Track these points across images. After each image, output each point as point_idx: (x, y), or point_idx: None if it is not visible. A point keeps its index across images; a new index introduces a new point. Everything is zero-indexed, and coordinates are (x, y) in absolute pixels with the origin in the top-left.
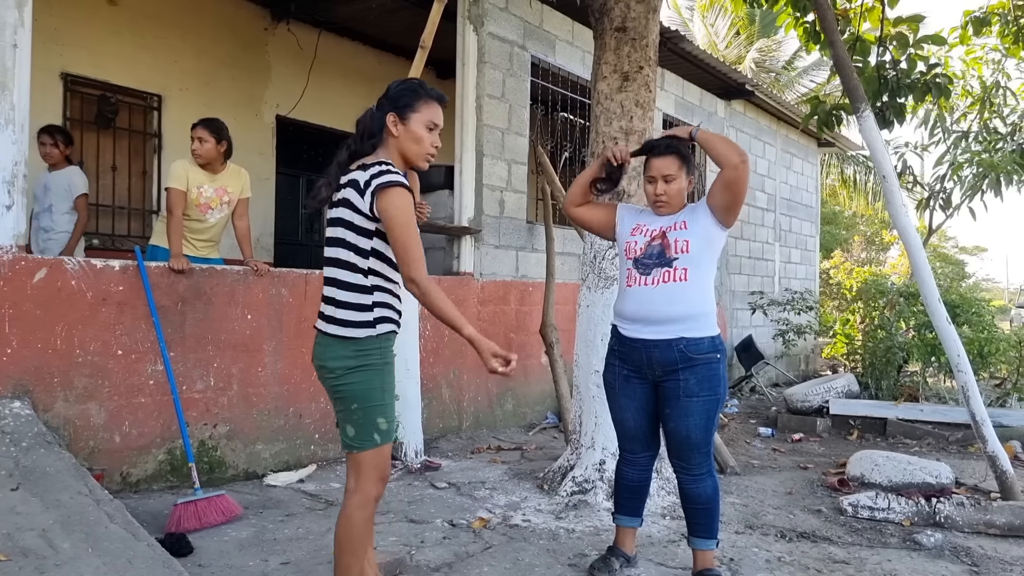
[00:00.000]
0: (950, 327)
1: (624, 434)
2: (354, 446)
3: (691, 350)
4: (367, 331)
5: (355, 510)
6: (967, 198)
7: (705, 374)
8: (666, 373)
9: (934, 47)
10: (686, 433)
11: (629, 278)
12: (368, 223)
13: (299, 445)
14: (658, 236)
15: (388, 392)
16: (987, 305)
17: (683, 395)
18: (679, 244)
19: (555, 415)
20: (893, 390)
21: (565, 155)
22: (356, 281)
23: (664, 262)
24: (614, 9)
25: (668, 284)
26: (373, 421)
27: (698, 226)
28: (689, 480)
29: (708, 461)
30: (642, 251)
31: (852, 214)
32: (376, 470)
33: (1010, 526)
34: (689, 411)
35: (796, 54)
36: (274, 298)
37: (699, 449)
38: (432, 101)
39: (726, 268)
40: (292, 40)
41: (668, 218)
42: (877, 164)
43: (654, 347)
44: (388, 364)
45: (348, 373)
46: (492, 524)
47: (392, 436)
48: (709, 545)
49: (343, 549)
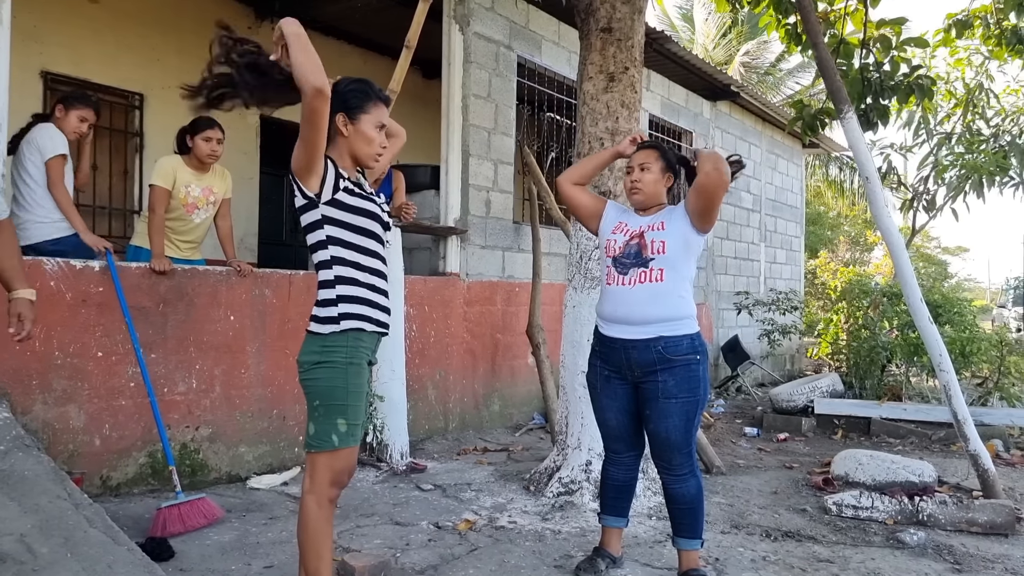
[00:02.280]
0: (932, 327)
1: (608, 434)
2: (312, 444)
3: (669, 351)
4: (331, 327)
5: (311, 511)
6: (950, 199)
7: (684, 375)
8: (645, 374)
9: (917, 50)
10: (666, 434)
11: (608, 276)
12: (313, 214)
13: (283, 447)
14: (636, 235)
15: (353, 394)
16: (969, 305)
17: (662, 396)
18: (655, 245)
19: (542, 416)
20: (877, 389)
21: (551, 155)
22: (322, 277)
23: (641, 262)
24: (600, 10)
25: (645, 284)
26: (333, 421)
27: (676, 228)
28: (672, 480)
29: (690, 461)
30: (620, 250)
31: (837, 215)
32: (331, 472)
33: (992, 524)
34: (668, 413)
35: (782, 55)
36: (257, 299)
37: (680, 450)
38: (380, 102)
39: (712, 268)
40: None
41: (648, 218)
42: (860, 166)
43: (632, 347)
44: (355, 364)
45: (312, 369)
46: (478, 526)
47: (352, 441)
48: (694, 545)
49: (306, 551)
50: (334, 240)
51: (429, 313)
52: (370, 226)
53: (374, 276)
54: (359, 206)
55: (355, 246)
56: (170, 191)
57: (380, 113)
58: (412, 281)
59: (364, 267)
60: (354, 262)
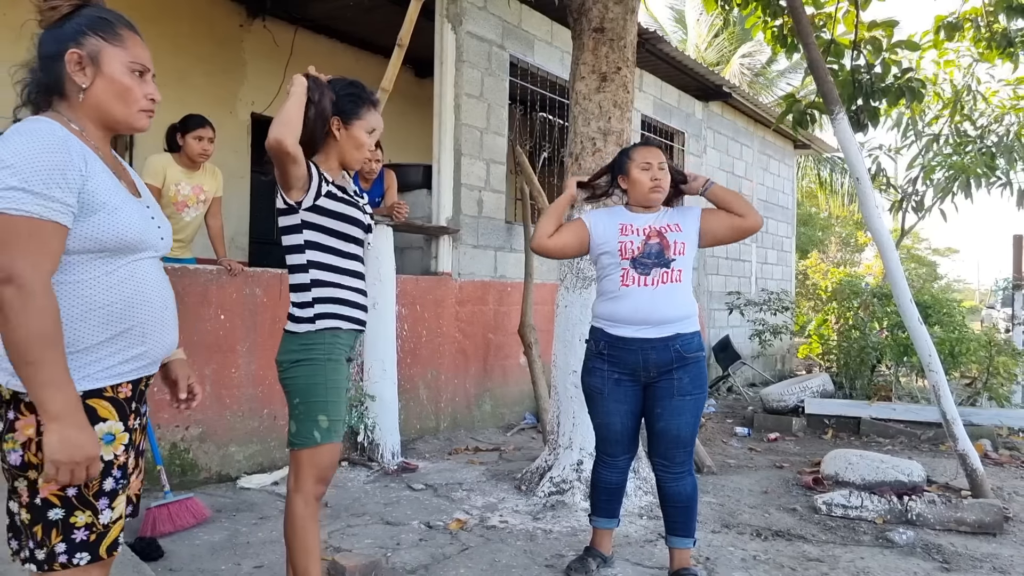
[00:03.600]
0: (922, 327)
1: (608, 438)
2: (294, 443)
3: (685, 348)
4: (306, 326)
5: (298, 509)
6: (939, 200)
7: (696, 372)
8: (661, 374)
9: (908, 52)
10: (676, 431)
11: (625, 278)
12: (293, 218)
13: (273, 447)
14: (654, 235)
15: (333, 390)
16: (958, 306)
17: (677, 394)
18: (678, 246)
19: (533, 415)
20: (867, 389)
21: (544, 155)
22: (298, 280)
23: (663, 262)
24: (592, 10)
25: (668, 285)
26: (314, 418)
27: (690, 231)
28: (670, 479)
29: (691, 459)
30: (640, 250)
31: (828, 216)
32: (315, 469)
33: (980, 523)
34: (682, 410)
35: (774, 56)
36: (248, 298)
37: (686, 447)
38: (373, 108)
39: (703, 268)
40: (268, 37)
41: (654, 216)
42: (851, 166)
43: (652, 348)
44: (333, 361)
45: (292, 367)
46: (469, 525)
47: (335, 436)
48: (687, 544)
49: (294, 550)
50: (311, 244)
51: (421, 313)
52: (349, 231)
53: (350, 277)
54: (340, 211)
55: (333, 250)
56: (160, 189)
57: (373, 118)
58: (404, 281)
59: (340, 270)
60: (331, 265)
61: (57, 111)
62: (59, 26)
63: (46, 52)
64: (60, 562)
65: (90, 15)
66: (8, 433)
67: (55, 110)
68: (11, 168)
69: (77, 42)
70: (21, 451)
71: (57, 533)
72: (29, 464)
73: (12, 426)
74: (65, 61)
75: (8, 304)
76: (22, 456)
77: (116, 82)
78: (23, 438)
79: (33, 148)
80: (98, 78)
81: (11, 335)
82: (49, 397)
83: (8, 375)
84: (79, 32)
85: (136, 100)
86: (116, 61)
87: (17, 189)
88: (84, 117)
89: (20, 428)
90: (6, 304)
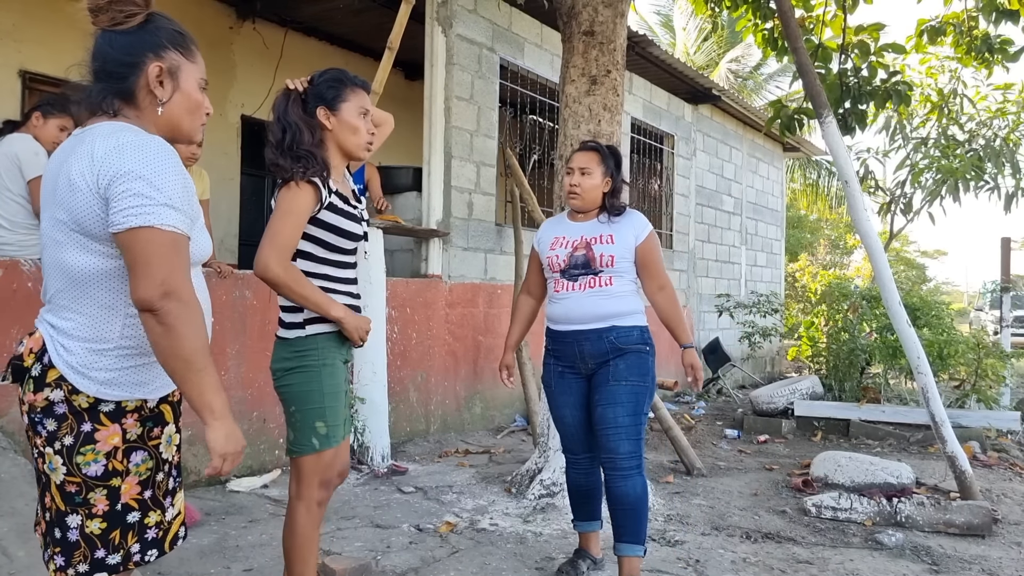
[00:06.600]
0: (910, 329)
1: (564, 432)
2: (293, 450)
3: (621, 340)
4: (296, 332)
5: (300, 517)
6: (927, 203)
7: (635, 361)
8: (598, 364)
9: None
10: (613, 418)
11: (557, 285)
12: None
13: (263, 450)
14: (581, 246)
15: (329, 395)
16: (947, 308)
17: (612, 380)
18: (604, 259)
19: (524, 418)
20: (856, 392)
21: (534, 158)
22: None
23: (591, 271)
24: (582, 13)
25: (596, 289)
26: (311, 425)
27: (623, 246)
28: (616, 477)
29: (637, 457)
30: (566, 263)
31: (817, 218)
32: (317, 475)
33: (969, 525)
34: (617, 395)
35: (763, 60)
36: (237, 300)
37: (627, 437)
38: (358, 88)
39: (693, 271)
40: (258, 39)
41: (589, 226)
42: (840, 169)
43: (585, 339)
44: (328, 366)
45: (286, 374)
46: (459, 528)
47: (334, 441)
48: (636, 551)
49: (293, 557)
50: (304, 255)
51: (411, 315)
52: (344, 244)
53: (342, 283)
54: (340, 225)
55: (328, 261)
56: None
57: (360, 99)
58: (394, 283)
59: (333, 278)
60: (323, 274)
61: (126, 117)
62: (133, 33)
63: (120, 59)
64: (135, 560)
65: (168, 29)
66: (85, 445)
67: (123, 116)
68: (152, 183)
69: (158, 55)
70: (104, 460)
71: (133, 535)
72: (113, 472)
73: (91, 437)
74: (146, 73)
75: (176, 318)
76: (105, 465)
77: (191, 98)
78: (107, 447)
79: (165, 163)
80: (176, 93)
81: (180, 348)
82: (215, 399)
83: (98, 384)
84: (159, 45)
85: (202, 115)
86: (192, 78)
87: (165, 206)
88: (153, 127)
89: (103, 438)
90: (174, 318)
